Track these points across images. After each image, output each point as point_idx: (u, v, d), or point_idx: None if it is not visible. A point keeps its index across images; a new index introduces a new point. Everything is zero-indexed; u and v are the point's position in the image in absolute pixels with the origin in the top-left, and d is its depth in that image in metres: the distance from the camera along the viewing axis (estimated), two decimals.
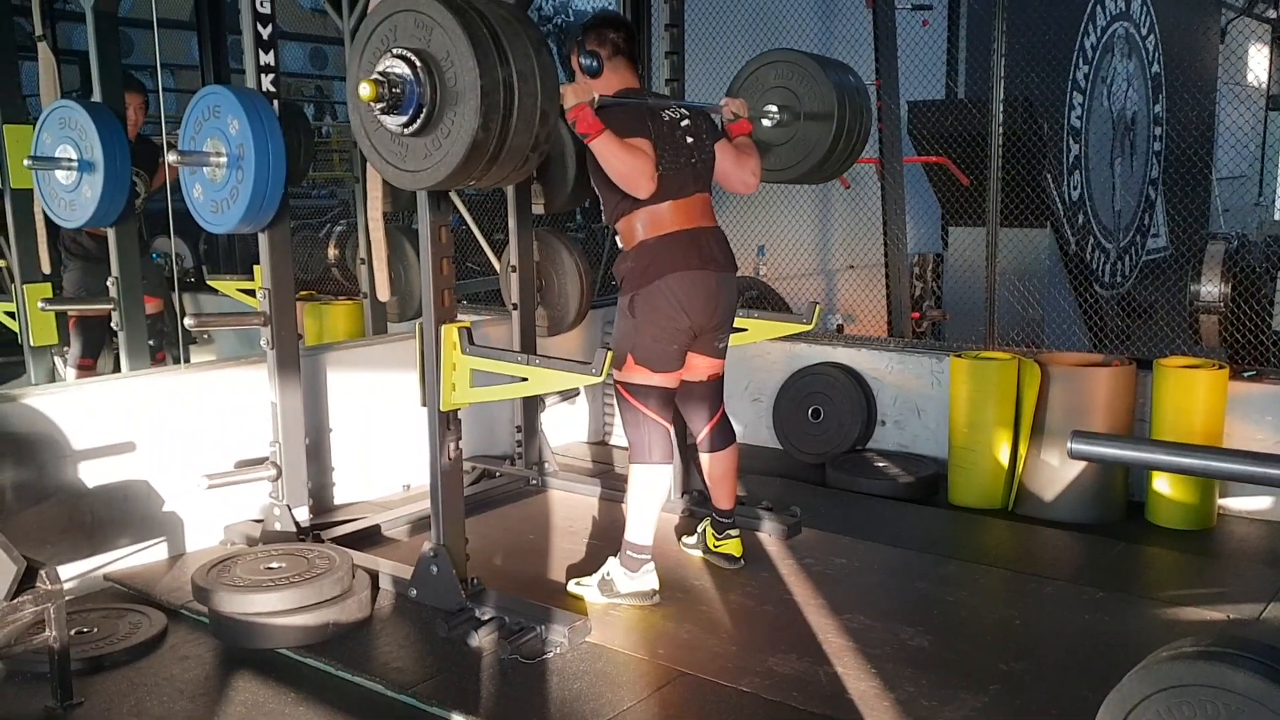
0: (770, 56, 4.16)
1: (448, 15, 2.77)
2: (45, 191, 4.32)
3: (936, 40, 7.59)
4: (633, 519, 3.60)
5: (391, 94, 2.85)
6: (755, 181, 3.76)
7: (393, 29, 2.92)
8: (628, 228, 3.57)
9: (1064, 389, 4.49)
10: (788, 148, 4.13)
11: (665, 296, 3.50)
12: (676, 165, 3.52)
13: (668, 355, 3.57)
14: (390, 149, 3.03)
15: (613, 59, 3.61)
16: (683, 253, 3.51)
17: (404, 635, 3.42)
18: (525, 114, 2.86)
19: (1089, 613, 3.53)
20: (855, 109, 4.06)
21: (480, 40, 2.76)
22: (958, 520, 4.56)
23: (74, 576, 3.79)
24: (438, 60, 2.82)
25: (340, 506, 4.62)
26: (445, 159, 2.87)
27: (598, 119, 3.30)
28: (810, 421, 5.40)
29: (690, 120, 3.63)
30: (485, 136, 2.81)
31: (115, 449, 3.88)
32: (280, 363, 3.95)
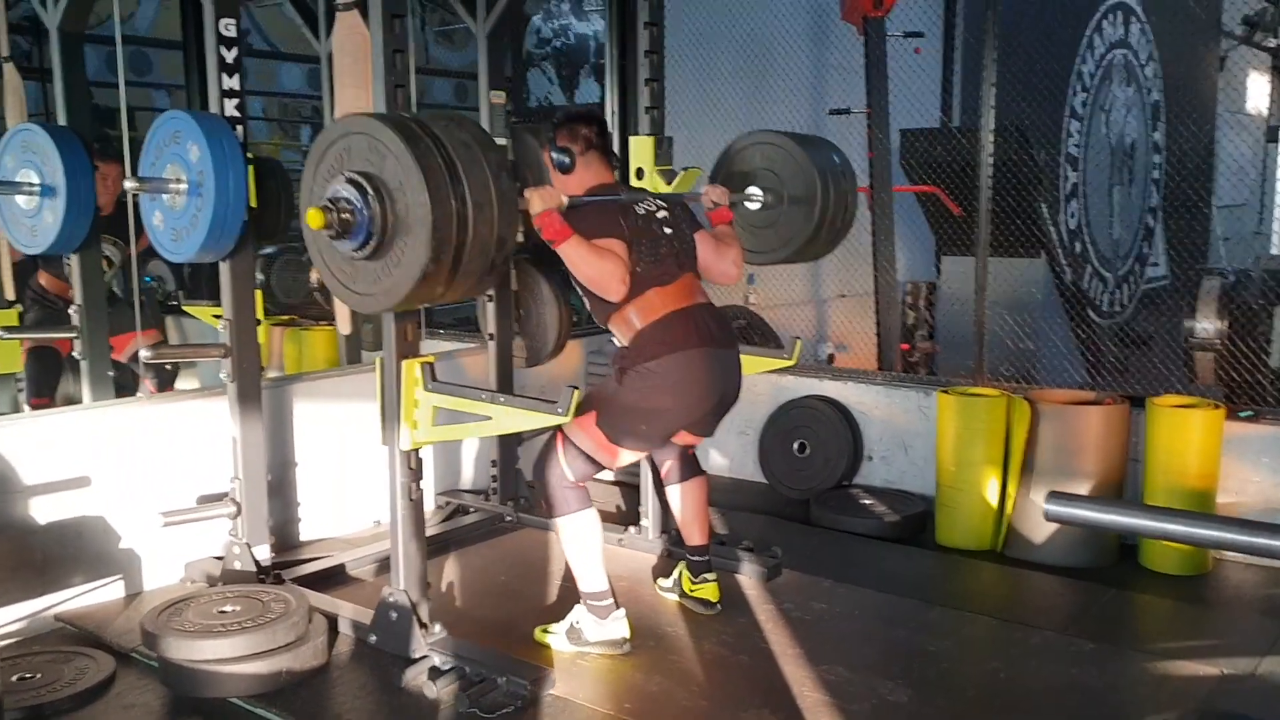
0: (755, 137, 4.09)
1: (401, 145, 2.66)
2: (6, 217, 4.19)
3: (931, 68, 7.50)
4: (579, 573, 3.47)
5: (341, 220, 2.76)
6: (737, 272, 3.64)
7: (347, 149, 2.82)
8: (621, 322, 3.41)
9: (1054, 427, 4.35)
10: (771, 231, 4.07)
11: (662, 378, 3.32)
12: (656, 256, 3.40)
13: (648, 437, 3.43)
14: (342, 268, 2.93)
15: (585, 154, 3.52)
16: (681, 332, 3.35)
17: (360, 684, 3.28)
18: (480, 242, 2.76)
19: (1077, 666, 3.39)
20: (839, 193, 3.99)
21: (433, 172, 2.66)
22: (944, 562, 4.42)
23: (23, 617, 3.66)
24: (390, 188, 2.72)
25: (307, 543, 4.49)
26: (395, 287, 2.78)
27: (565, 225, 3.18)
28: (796, 456, 5.26)
29: (667, 211, 3.53)
30: (436, 268, 2.70)
31: (69, 484, 3.74)
32: (241, 395, 3.83)
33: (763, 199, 4.03)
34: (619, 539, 4.36)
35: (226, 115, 3.67)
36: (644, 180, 4.05)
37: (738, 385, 3.54)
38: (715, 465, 5.69)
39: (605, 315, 3.43)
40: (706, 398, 3.41)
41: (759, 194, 4.03)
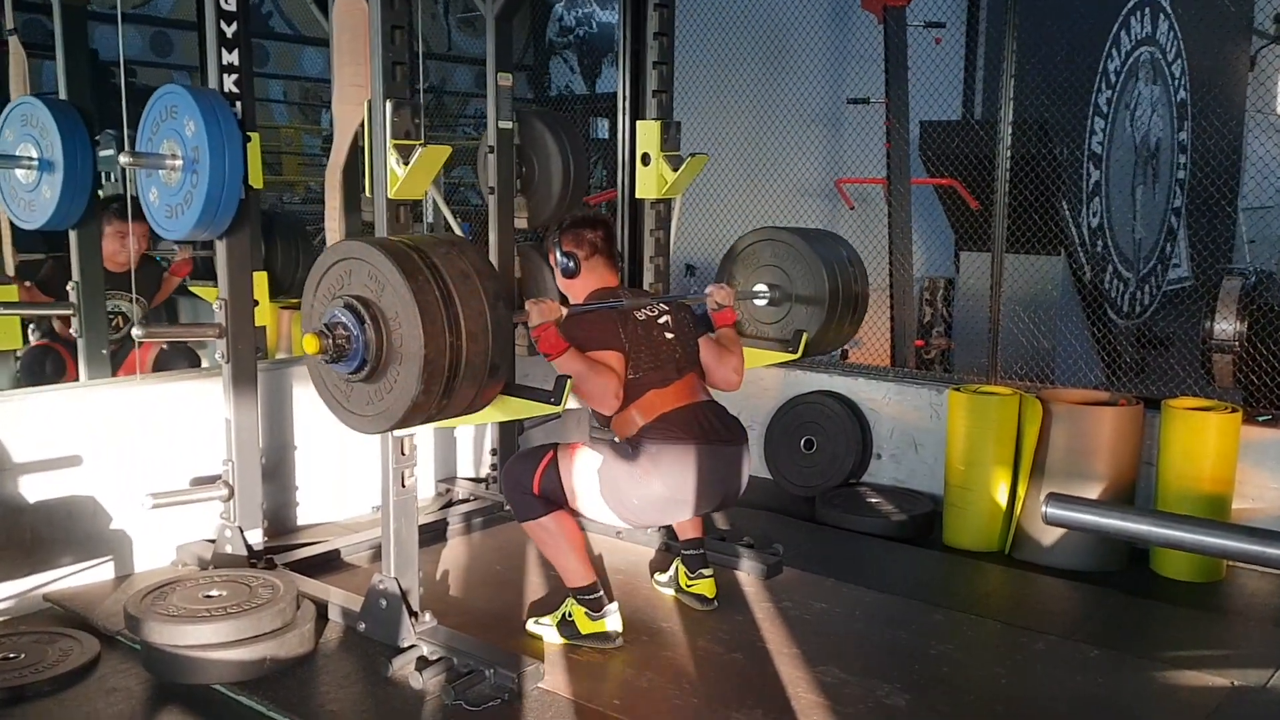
0: (763, 234, 4.04)
1: (399, 278, 2.61)
2: (5, 190, 4.16)
3: (953, 59, 7.37)
4: (561, 569, 3.42)
5: (336, 346, 2.72)
6: (738, 379, 3.59)
7: (347, 273, 2.77)
8: (625, 421, 3.35)
9: (1066, 428, 4.25)
10: (778, 329, 4.01)
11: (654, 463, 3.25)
12: (656, 363, 3.36)
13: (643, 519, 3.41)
14: (336, 387, 2.90)
15: (590, 259, 3.49)
16: (680, 428, 3.30)
17: (346, 673, 3.21)
18: (473, 370, 2.72)
19: (1082, 673, 3.29)
20: (849, 294, 3.94)
21: (429, 306, 2.61)
22: (950, 564, 4.32)
23: (10, 596, 3.62)
24: (387, 316, 2.68)
25: (303, 528, 4.44)
26: (388, 411, 2.74)
27: (560, 339, 3.14)
28: (802, 452, 5.17)
29: (670, 315, 3.49)
30: (426, 399, 2.67)
31: (60, 462, 3.69)
32: (236, 377, 3.76)
33: (769, 295, 3.99)
34: (617, 531, 4.29)
35: (225, 91, 3.60)
36: (650, 166, 3.97)
37: (740, 484, 3.46)
38: None
39: (605, 420, 3.39)
40: (705, 497, 3.34)
41: (766, 290, 3.99)
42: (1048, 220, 6.39)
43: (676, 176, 3.95)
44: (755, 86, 6.80)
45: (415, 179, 3.18)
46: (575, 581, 3.38)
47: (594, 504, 3.31)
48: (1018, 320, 5.59)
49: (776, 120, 6.80)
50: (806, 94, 6.71)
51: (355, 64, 3.48)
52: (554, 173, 4.49)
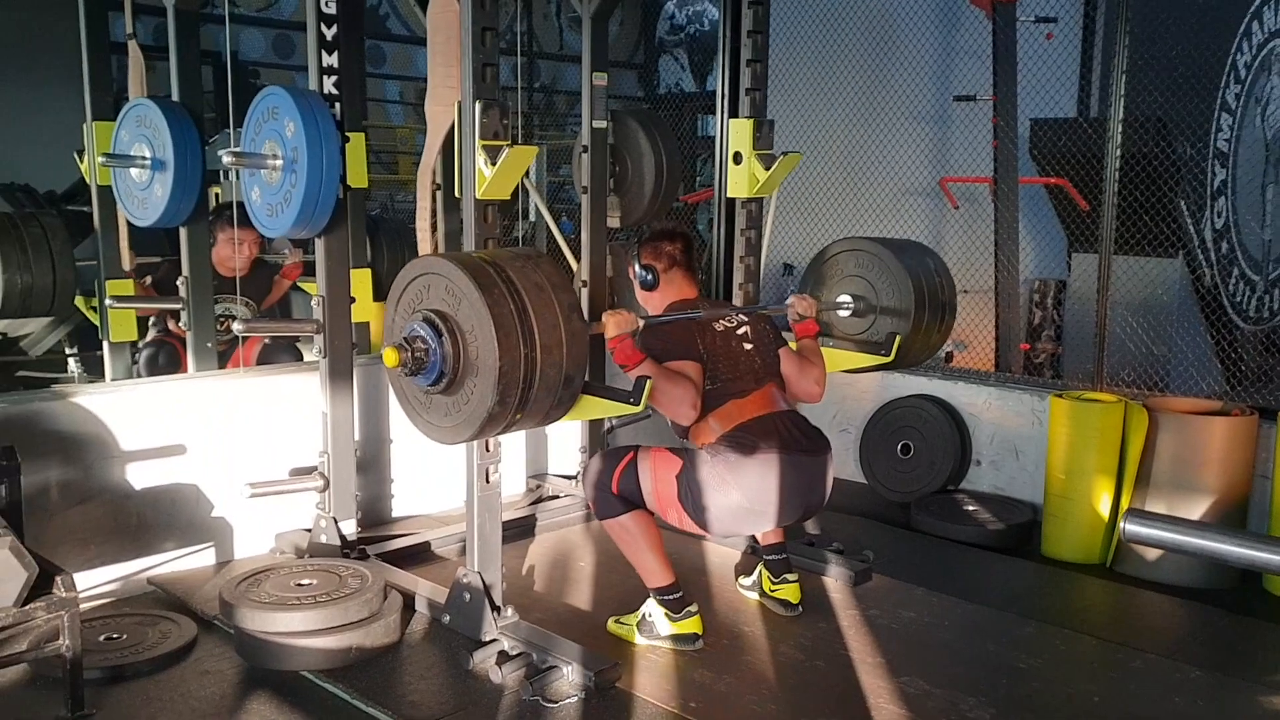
0: (849, 244, 3.95)
1: (474, 292, 2.67)
2: (121, 189, 4.34)
3: (1069, 55, 7.14)
4: (640, 569, 3.40)
5: (415, 359, 2.78)
6: (820, 391, 3.52)
7: (425, 288, 2.84)
8: (702, 430, 3.30)
9: (1174, 438, 4.08)
10: (863, 340, 3.91)
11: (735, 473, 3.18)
12: (735, 374, 3.32)
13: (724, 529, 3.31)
14: (416, 399, 2.96)
15: (669, 271, 3.48)
16: (761, 438, 3.23)
17: (429, 664, 3.27)
18: (547, 383, 2.76)
19: (1180, 695, 3.15)
20: (936, 304, 3.81)
21: (503, 319, 2.66)
22: (1047, 575, 4.19)
23: (118, 578, 3.77)
24: (463, 329, 2.73)
25: (398, 520, 4.52)
26: (465, 422, 2.80)
27: (635, 350, 3.12)
28: (899, 457, 5.07)
29: (749, 326, 3.45)
30: (502, 410, 2.71)
31: (165, 451, 3.83)
32: (332, 372, 3.86)
33: (853, 306, 3.90)
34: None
35: (325, 92, 3.69)
36: (741, 165, 3.93)
37: (823, 495, 3.38)
38: None
39: (684, 430, 3.36)
40: (786, 509, 3.27)
41: (850, 301, 3.90)
42: (1165, 221, 6.14)
43: (769, 175, 3.91)
44: (860, 83, 6.68)
45: (502, 179, 3.21)
46: (655, 581, 3.37)
47: (672, 509, 3.28)
48: (1130, 325, 5.38)
49: (881, 117, 6.68)
50: (912, 91, 6.58)
51: (447, 65, 3.54)
52: (647, 172, 4.49)
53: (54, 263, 4.94)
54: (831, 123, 6.60)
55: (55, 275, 4.94)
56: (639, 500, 3.32)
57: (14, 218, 4.99)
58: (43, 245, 4.89)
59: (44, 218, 5.07)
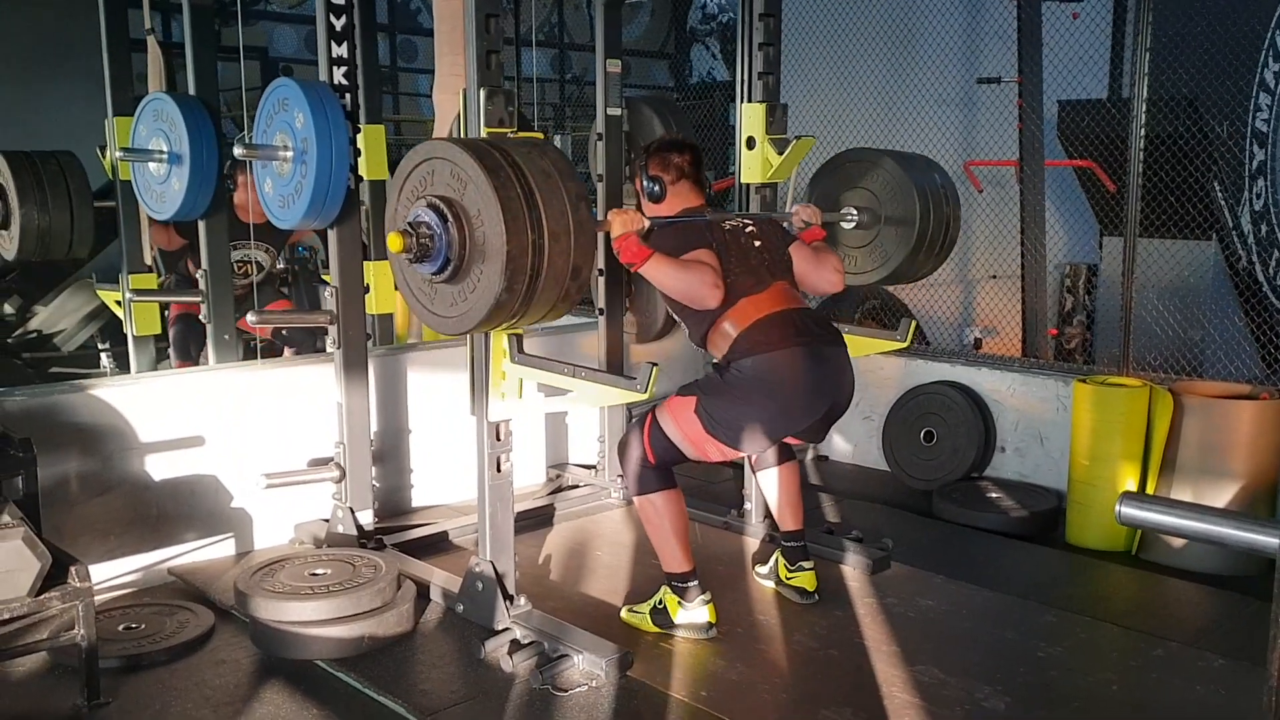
0: (852, 155, 3.95)
1: (480, 174, 2.64)
2: (140, 183, 4.38)
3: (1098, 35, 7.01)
4: (661, 552, 3.39)
5: (420, 245, 2.76)
6: (839, 278, 3.46)
7: (430, 172, 2.81)
8: (718, 335, 3.27)
9: (1200, 423, 4.00)
10: (865, 251, 3.92)
11: (757, 378, 3.16)
12: (747, 266, 3.28)
13: (739, 432, 3.23)
14: (421, 289, 2.95)
15: (676, 184, 3.43)
16: (778, 333, 3.19)
17: (441, 653, 3.27)
18: (555, 272, 2.73)
19: (1202, 683, 3.09)
20: (940, 216, 3.80)
21: (510, 202, 2.62)
22: (1070, 563, 4.12)
23: (138, 569, 3.80)
24: (469, 214, 2.70)
25: (417, 509, 4.54)
26: (471, 311, 2.77)
27: (642, 246, 3.09)
28: (922, 445, 5.01)
29: (756, 227, 3.41)
30: (510, 297, 2.69)
31: (183, 443, 3.86)
32: (347, 363, 3.87)
33: (858, 218, 3.88)
34: (724, 520, 4.25)
35: (334, 83, 3.69)
36: (755, 150, 3.90)
37: (850, 390, 3.34)
38: (838, 451, 5.50)
39: (701, 335, 3.32)
40: (812, 402, 3.22)
41: (854, 213, 3.89)
42: (1197, 203, 6.02)
43: (782, 160, 3.86)
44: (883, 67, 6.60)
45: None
46: (672, 567, 3.35)
47: (708, 445, 3.25)
48: (1160, 308, 5.29)
49: (904, 101, 6.59)
50: (936, 74, 6.48)
51: (454, 54, 3.53)
52: None
53: (71, 201, 4.92)
54: (854, 107, 6.52)
55: (73, 215, 4.92)
56: (677, 456, 3.29)
57: (31, 156, 4.97)
58: (60, 183, 4.87)
59: (61, 156, 5.03)
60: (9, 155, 4.91)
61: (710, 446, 3.26)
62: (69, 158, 5.03)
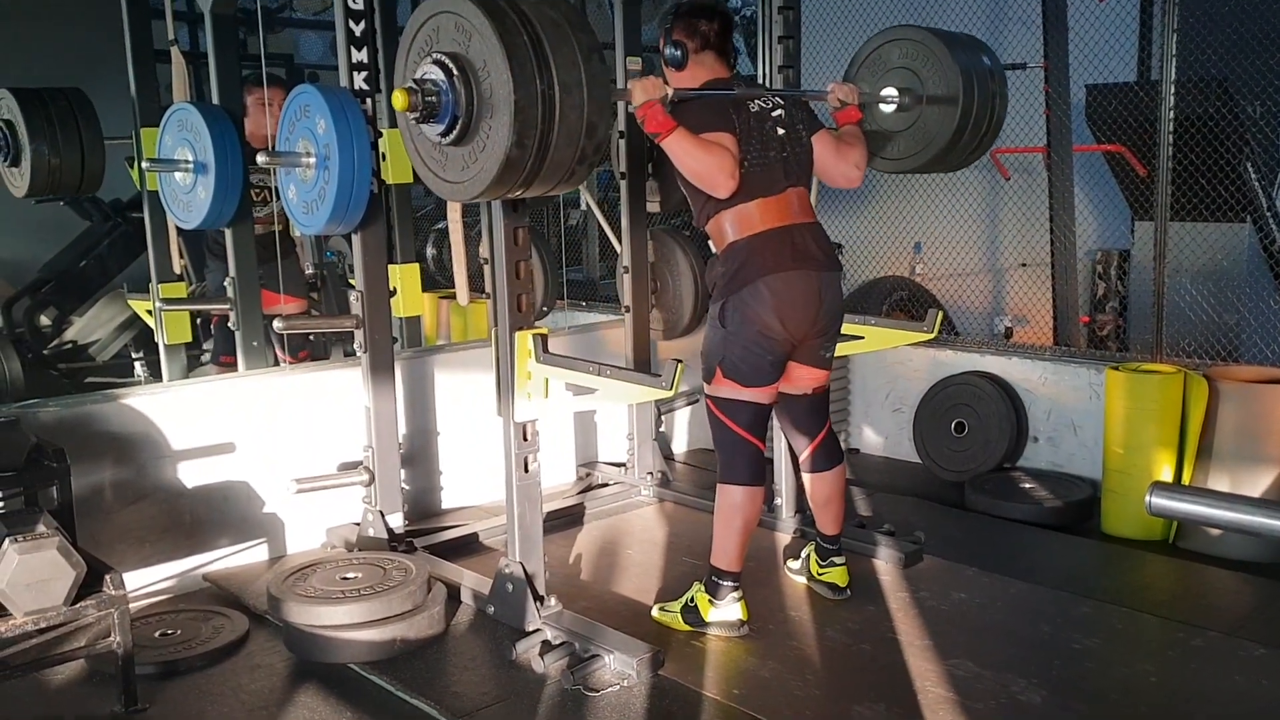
0: (893, 33, 3.77)
1: (484, 20, 2.57)
2: (166, 193, 4.40)
3: (1126, 18, 6.92)
4: (718, 542, 3.35)
5: (426, 103, 2.70)
6: (858, 174, 3.42)
7: (435, 30, 2.76)
8: (717, 229, 3.30)
9: (1236, 408, 3.95)
10: (908, 135, 3.74)
11: (757, 302, 3.20)
12: (765, 161, 3.22)
13: (760, 369, 3.27)
14: (432, 156, 2.88)
15: (700, 53, 3.34)
16: (775, 252, 3.21)
17: (473, 655, 3.28)
18: (569, 128, 2.64)
19: (1241, 673, 3.05)
20: (985, 94, 3.63)
21: (517, 49, 2.55)
22: (1106, 553, 4.08)
23: (173, 575, 3.84)
24: (475, 67, 2.64)
25: (447, 511, 4.55)
26: (481, 173, 2.70)
27: (669, 117, 3.04)
28: (953, 436, 4.97)
29: (784, 110, 3.32)
30: (520, 154, 2.61)
31: (215, 449, 3.89)
32: (374, 366, 3.88)
33: (898, 100, 3.71)
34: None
35: (355, 89, 3.71)
36: None
37: (840, 311, 3.40)
38: (869, 443, 5.47)
39: (705, 218, 3.30)
40: (808, 317, 3.25)
41: (894, 94, 3.71)
42: (1230, 185, 5.93)
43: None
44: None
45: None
46: (721, 562, 3.33)
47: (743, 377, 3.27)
48: (1194, 293, 5.21)
49: None
50: None
51: None
52: None
53: (82, 138, 4.93)
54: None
55: (84, 152, 4.93)
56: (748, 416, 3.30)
57: (40, 93, 4.97)
58: (70, 120, 4.87)
59: (70, 93, 5.03)
60: (18, 92, 4.93)
61: (748, 390, 3.29)
62: (78, 94, 5.03)
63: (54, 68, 7.25)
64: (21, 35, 8.09)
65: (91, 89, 5.32)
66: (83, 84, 5.28)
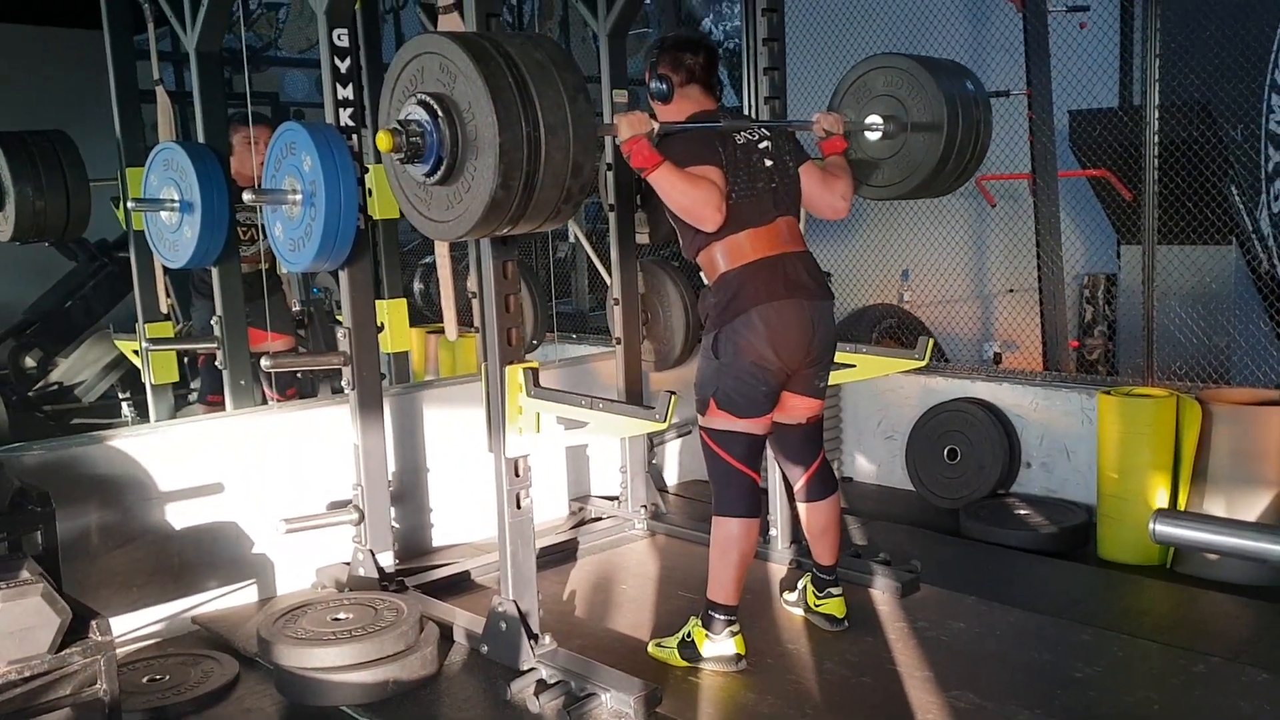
0: (877, 61, 3.78)
1: (469, 63, 2.57)
2: (153, 233, 4.38)
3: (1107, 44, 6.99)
4: (714, 576, 3.31)
5: (410, 143, 2.69)
6: (845, 206, 3.42)
7: (420, 70, 2.75)
8: (708, 260, 3.29)
9: (1229, 431, 3.94)
10: (893, 162, 3.74)
11: (751, 332, 3.19)
12: (754, 192, 3.22)
13: (754, 399, 3.25)
14: (416, 195, 2.87)
15: (686, 86, 3.35)
16: (767, 282, 3.20)
17: (467, 696, 3.23)
18: (554, 168, 2.64)
19: (1246, 699, 3.01)
20: (970, 121, 3.64)
21: (502, 91, 2.55)
22: (1104, 579, 4.05)
23: (162, 619, 3.78)
24: (460, 108, 2.64)
25: (438, 549, 4.50)
26: (467, 213, 2.69)
27: (654, 151, 3.05)
28: (946, 463, 4.95)
29: (770, 141, 3.33)
30: (506, 195, 2.60)
31: (203, 490, 3.84)
32: (362, 403, 3.85)
33: (883, 128, 3.72)
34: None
35: (341, 125, 3.70)
36: None
37: (833, 340, 3.39)
38: (862, 472, 5.45)
39: (695, 250, 3.29)
40: (801, 347, 3.23)
41: (879, 122, 3.72)
42: (1215, 208, 5.96)
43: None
44: None
45: None
46: (718, 596, 3.29)
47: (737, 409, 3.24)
48: (1183, 316, 5.22)
49: None
50: None
51: None
52: None
53: (66, 181, 4.89)
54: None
55: (69, 195, 4.89)
56: (742, 448, 3.27)
57: (24, 135, 4.94)
58: (54, 163, 4.83)
59: (54, 135, 5.00)
60: (1, 136, 4.90)
61: (741, 422, 3.26)
62: (62, 137, 5.00)
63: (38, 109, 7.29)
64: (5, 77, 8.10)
65: (77, 130, 5.32)
66: (68, 125, 5.27)
